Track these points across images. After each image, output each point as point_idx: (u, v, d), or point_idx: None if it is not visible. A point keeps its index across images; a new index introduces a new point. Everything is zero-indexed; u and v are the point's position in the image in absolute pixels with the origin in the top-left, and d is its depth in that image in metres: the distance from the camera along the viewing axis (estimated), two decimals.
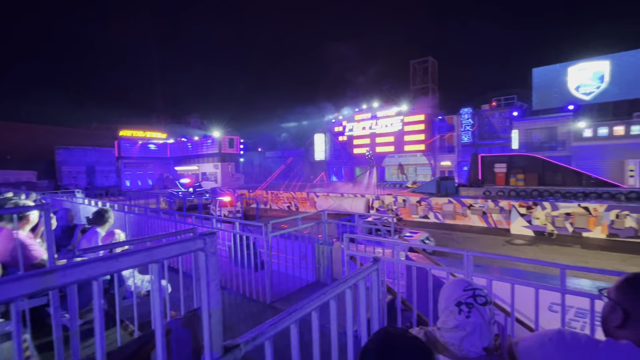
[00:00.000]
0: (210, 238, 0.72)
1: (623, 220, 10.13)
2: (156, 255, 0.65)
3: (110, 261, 0.56)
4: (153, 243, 1.95)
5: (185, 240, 0.69)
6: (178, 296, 2.56)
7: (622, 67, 24.53)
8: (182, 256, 3.63)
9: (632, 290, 0.88)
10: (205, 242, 0.71)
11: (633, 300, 0.87)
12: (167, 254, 0.67)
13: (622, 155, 22.75)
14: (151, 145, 40.73)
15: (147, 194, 17.87)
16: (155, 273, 0.72)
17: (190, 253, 0.72)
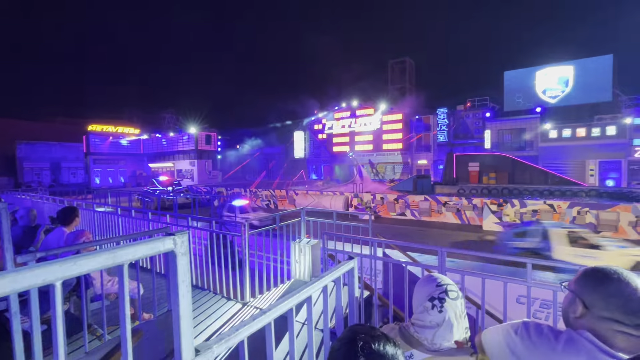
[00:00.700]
0: (181, 237, 0.69)
1: (584, 217, 10.81)
2: (121, 256, 0.61)
3: (68, 264, 0.52)
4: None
5: (153, 240, 0.66)
6: (151, 297, 2.48)
7: (585, 73, 26.08)
8: (154, 256, 3.51)
9: (591, 283, 0.93)
10: (175, 242, 0.68)
11: (591, 292, 0.92)
12: (133, 255, 0.63)
13: (583, 155, 24.27)
14: (123, 141, 38.97)
15: (118, 191, 16.85)
16: (123, 276, 0.68)
17: (159, 254, 0.68)
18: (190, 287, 0.71)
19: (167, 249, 0.67)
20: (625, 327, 0.85)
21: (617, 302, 0.88)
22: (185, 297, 0.67)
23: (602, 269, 0.94)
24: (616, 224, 10.36)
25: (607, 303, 0.89)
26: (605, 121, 24.05)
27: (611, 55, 25.35)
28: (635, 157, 22.99)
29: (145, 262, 4.91)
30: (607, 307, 0.89)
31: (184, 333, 0.66)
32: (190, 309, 0.69)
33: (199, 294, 4.47)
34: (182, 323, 0.66)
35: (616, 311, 0.88)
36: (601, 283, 0.92)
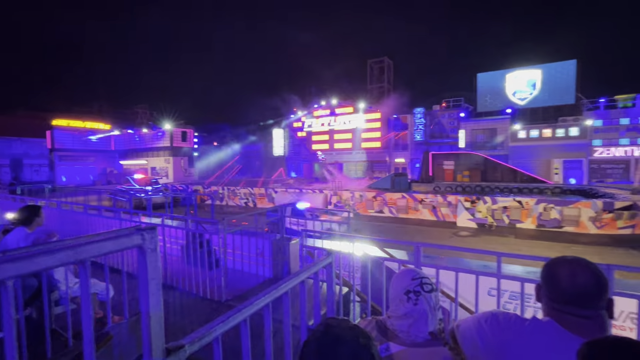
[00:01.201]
0: (150, 233, 0.66)
1: (549, 213, 11.44)
2: (83, 252, 0.57)
3: (23, 262, 0.48)
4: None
5: (120, 235, 0.62)
6: (122, 300, 2.38)
7: (551, 77, 27.54)
8: (126, 256, 3.36)
9: (545, 268, 1.02)
10: (143, 238, 0.64)
11: (542, 278, 1.02)
12: (97, 251, 0.59)
13: (549, 154, 25.68)
14: (92, 137, 37.03)
15: (87, 190, 15.85)
16: (85, 274, 0.63)
17: (126, 250, 0.65)
18: (161, 284, 0.68)
19: (135, 245, 0.64)
20: (556, 303, 0.94)
21: (551, 282, 0.98)
22: (155, 295, 0.64)
23: (557, 258, 1.01)
24: (578, 219, 11.04)
25: (546, 283, 1.00)
26: (568, 123, 25.53)
27: (574, 61, 26.91)
28: (595, 156, 24.59)
29: (116, 262, 4.71)
30: (546, 287, 0.99)
31: (154, 333, 0.63)
32: (161, 307, 0.66)
33: (176, 294, 4.34)
34: (151, 322, 0.63)
35: (551, 290, 0.97)
36: (549, 266, 1.01)
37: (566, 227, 11.18)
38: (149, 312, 0.63)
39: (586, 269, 0.93)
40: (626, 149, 23.72)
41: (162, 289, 2.63)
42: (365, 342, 0.73)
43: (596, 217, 10.79)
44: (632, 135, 23.54)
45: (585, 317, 0.91)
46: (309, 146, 36.67)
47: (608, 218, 10.67)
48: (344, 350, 0.69)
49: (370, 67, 38.43)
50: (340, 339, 0.71)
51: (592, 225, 10.85)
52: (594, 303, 0.91)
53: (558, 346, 0.90)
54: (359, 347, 0.71)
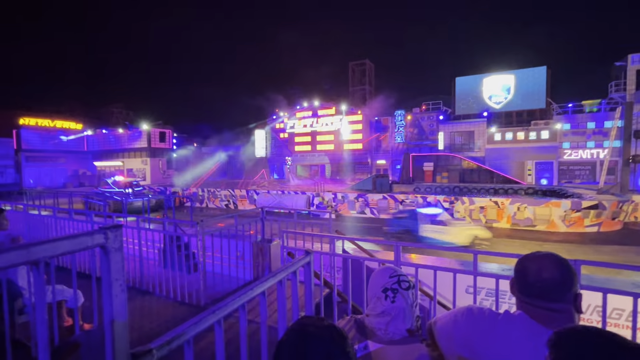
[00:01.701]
0: (113, 232, 0.62)
1: (523, 212, 11.92)
2: (37, 252, 0.52)
3: None
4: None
5: (80, 234, 0.58)
6: (92, 306, 2.27)
7: (523, 82, 28.77)
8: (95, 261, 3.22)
9: (517, 267, 1.05)
10: (106, 237, 0.61)
11: (516, 273, 1.04)
12: (53, 251, 0.55)
13: (522, 156, 26.81)
14: (63, 137, 35.29)
15: (57, 192, 14.92)
16: (39, 276, 0.59)
17: (87, 250, 0.61)
18: (126, 286, 0.64)
19: (97, 244, 0.60)
20: (524, 296, 0.98)
21: (519, 276, 1.01)
22: (118, 297, 0.61)
23: (529, 254, 1.05)
24: (549, 217, 11.56)
25: (515, 277, 1.03)
26: (540, 126, 26.76)
27: (545, 67, 28.22)
28: (564, 159, 25.88)
29: (87, 267, 4.51)
30: (516, 281, 1.02)
31: (117, 337, 0.59)
32: (125, 309, 0.63)
33: (152, 300, 4.20)
34: (114, 325, 0.59)
35: (520, 284, 1.00)
36: (519, 262, 1.04)
37: (538, 225, 11.68)
38: (112, 315, 0.59)
39: (554, 264, 0.97)
40: (592, 151, 25.12)
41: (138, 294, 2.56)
42: (339, 341, 0.72)
43: (565, 216, 11.34)
44: (597, 138, 24.97)
45: (553, 310, 0.94)
46: (291, 147, 36.55)
47: (576, 217, 11.23)
48: (318, 350, 0.68)
49: (351, 70, 38.81)
50: (314, 339, 0.70)
51: (562, 224, 11.39)
52: (561, 296, 0.94)
53: (529, 338, 0.93)
54: (334, 346, 0.70)
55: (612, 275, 5.63)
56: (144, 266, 4.52)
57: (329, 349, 0.69)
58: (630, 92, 23.95)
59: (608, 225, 11.22)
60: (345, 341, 0.74)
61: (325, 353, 0.68)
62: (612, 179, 22.57)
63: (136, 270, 4.58)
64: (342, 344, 0.72)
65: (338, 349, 0.70)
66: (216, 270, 4.79)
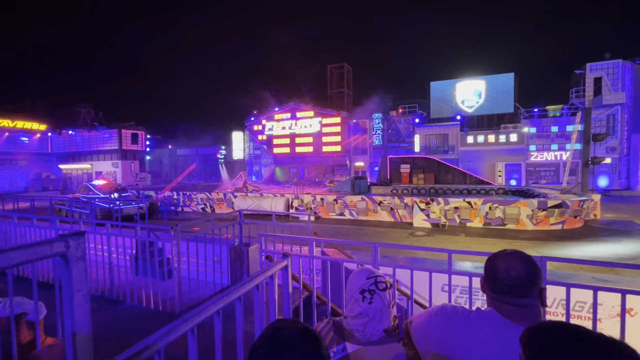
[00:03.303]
0: (75, 240, 0.58)
1: (494, 212, 12.43)
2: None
3: None
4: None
5: (37, 243, 0.54)
6: (56, 320, 2.14)
7: (493, 87, 30.14)
8: None
9: (486, 265, 1.09)
10: (67, 245, 0.57)
11: (486, 271, 1.09)
12: (7, 262, 0.50)
13: (493, 158, 28.06)
14: (24, 138, 33.11)
15: (17, 197, 13.81)
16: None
17: (45, 259, 0.57)
18: (89, 297, 0.61)
19: (56, 253, 0.56)
20: (493, 293, 1.02)
21: (489, 274, 1.05)
22: (81, 308, 0.57)
23: (497, 252, 1.09)
24: (518, 217, 12.11)
25: (485, 275, 1.07)
26: (509, 130, 28.12)
27: (512, 74, 29.71)
28: (531, 160, 27.32)
29: (48, 276, 4.24)
30: (486, 279, 1.06)
31: (79, 350, 0.56)
32: (88, 321, 0.59)
33: (124, 309, 4.01)
34: (77, 339, 0.56)
35: (489, 281, 1.05)
36: (488, 260, 1.08)
37: (508, 224, 12.22)
38: (73, 327, 0.56)
39: (520, 261, 1.01)
40: (556, 153, 26.69)
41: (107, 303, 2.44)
42: (314, 343, 0.72)
43: (532, 214, 11.94)
44: (560, 141, 26.57)
45: (521, 305, 0.98)
46: (270, 150, 36.25)
47: (542, 215, 11.85)
48: (292, 354, 0.68)
49: (330, 72, 39.10)
50: (288, 342, 0.69)
51: (530, 222, 11.98)
52: (527, 292, 0.99)
53: (499, 333, 0.97)
54: (308, 349, 0.69)
55: (575, 270, 5.98)
56: (114, 274, 4.32)
57: (303, 354, 0.68)
58: (588, 99, 25.70)
59: (571, 223, 11.93)
60: (320, 343, 0.74)
61: (299, 358, 0.68)
62: (573, 180, 24.08)
63: (106, 278, 4.37)
64: (317, 346, 0.72)
65: (313, 353, 0.69)
66: (192, 276, 4.65)
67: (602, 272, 5.64)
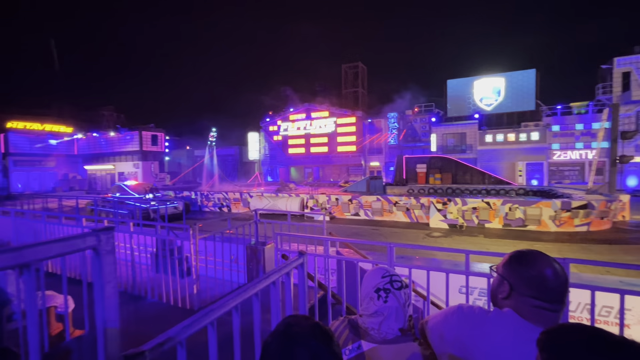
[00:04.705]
0: (105, 235, 0.62)
1: (514, 212, 12.07)
2: (28, 255, 0.52)
3: None
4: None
5: (71, 237, 0.58)
6: (83, 312, 2.23)
7: (513, 84, 29.26)
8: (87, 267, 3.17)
9: (516, 266, 1.03)
10: (98, 239, 0.61)
11: (516, 274, 1.02)
12: (44, 253, 0.54)
13: (513, 157, 27.20)
14: (52, 141, 34.72)
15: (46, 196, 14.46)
16: (31, 279, 0.59)
17: (78, 252, 0.61)
18: (117, 289, 0.64)
19: (88, 247, 0.60)
20: (543, 302, 0.97)
21: (537, 281, 0.98)
22: (110, 299, 0.61)
23: (524, 253, 1.05)
24: (539, 218, 11.71)
25: (529, 282, 0.99)
26: (529, 128, 27.19)
27: (534, 70, 28.76)
28: (554, 159, 26.32)
29: (78, 273, 4.44)
30: (529, 286, 0.99)
31: (109, 339, 0.59)
32: (117, 312, 0.62)
33: (145, 304, 4.15)
34: (107, 328, 0.59)
35: (536, 289, 0.98)
36: (524, 265, 1.02)
37: (529, 226, 11.84)
38: (104, 317, 0.59)
39: (555, 263, 0.99)
40: (581, 152, 25.60)
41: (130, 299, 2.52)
42: (325, 340, 0.72)
43: (555, 215, 11.52)
44: (586, 139, 25.47)
45: (557, 310, 0.96)
46: (285, 150, 36.52)
47: (566, 217, 11.41)
48: (303, 349, 0.68)
49: (344, 72, 39.03)
50: (299, 337, 0.70)
51: (552, 224, 11.56)
52: (564, 298, 0.97)
53: (517, 335, 0.95)
54: (319, 346, 0.69)
55: (601, 273, 5.74)
56: (137, 271, 4.47)
57: (314, 349, 0.69)
58: (616, 94, 24.53)
59: (597, 224, 11.43)
60: (331, 340, 0.74)
61: (310, 353, 0.68)
62: (600, 179, 23.02)
63: (128, 275, 4.53)
64: (328, 343, 0.72)
65: (324, 349, 0.70)
66: (210, 274, 4.76)
67: (631, 275, 5.38)
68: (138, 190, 15.35)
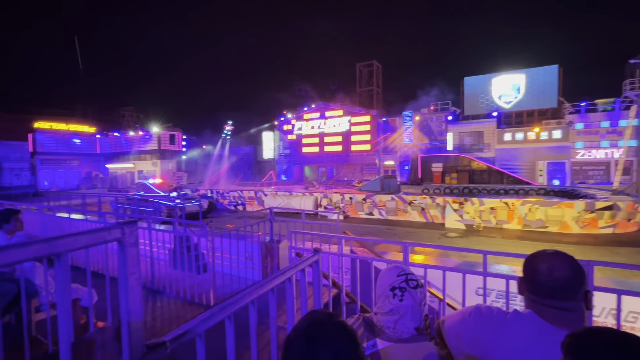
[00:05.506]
0: (129, 227, 0.65)
1: (534, 213, 11.70)
2: (59, 245, 0.55)
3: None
4: None
5: (99, 229, 0.61)
6: (105, 306, 2.32)
7: (534, 81, 28.31)
8: (109, 261, 3.29)
9: (526, 266, 1.04)
10: (123, 232, 0.63)
11: (524, 272, 1.04)
12: (74, 244, 0.57)
13: (533, 157, 26.33)
14: (76, 140, 36.15)
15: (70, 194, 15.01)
16: (62, 267, 0.62)
17: (105, 244, 0.64)
18: (141, 279, 0.67)
19: (114, 239, 0.63)
20: (535, 296, 0.97)
21: (529, 275, 1.00)
22: (134, 290, 0.63)
23: (537, 252, 1.04)
24: (561, 219, 11.32)
25: (525, 277, 1.02)
26: (551, 126, 26.25)
27: (557, 66, 27.72)
28: (577, 159, 25.33)
29: (100, 267, 4.60)
30: (525, 280, 1.01)
31: (133, 328, 0.62)
32: (140, 303, 0.65)
33: (163, 299, 4.26)
34: (131, 317, 0.62)
35: (529, 283, 0.99)
36: (528, 260, 1.03)
37: (550, 227, 11.45)
38: (128, 306, 0.62)
39: (564, 262, 0.96)
40: (606, 151, 24.53)
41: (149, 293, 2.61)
42: (349, 341, 0.71)
43: (579, 217, 11.09)
44: (612, 138, 24.37)
45: (563, 309, 0.93)
46: (299, 149, 36.66)
47: (590, 218, 10.98)
48: (326, 350, 0.67)
49: (359, 71, 38.79)
50: (323, 338, 0.69)
51: (575, 225, 11.14)
52: (571, 295, 0.93)
53: (538, 337, 0.93)
54: (341, 345, 0.69)
55: (627, 277, 5.49)
56: (155, 266, 4.60)
57: (337, 350, 0.68)
58: None
59: (623, 226, 10.94)
60: (355, 341, 0.73)
61: (333, 355, 0.67)
62: (627, 180, 21.99)
63: (147, 270, 4.66)
64: (352, 344, 0.71)
65: (346, 349, 0.69)
66: (225, 271, 4.84)
67: None
68: (162, 188, 15.59)
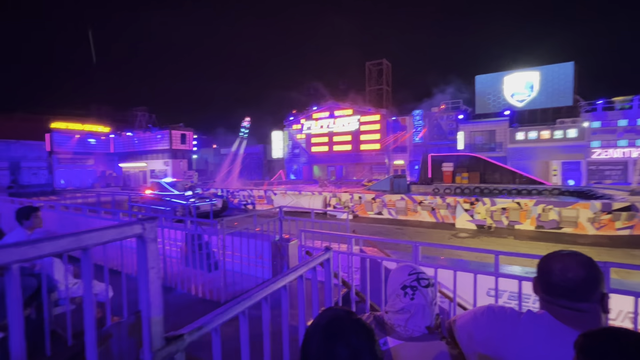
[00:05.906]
0: (150, 223, 0.67)
1: (548, 214, 11.45)
2: (85, 240, 0.58)
3: (26, 247, 0.49)
4: None
5: (121, 225, 0.63)
6: (121, 302, 2.38)
7: (548, 78, 27.68)
8: (124, 258, 3.37)
9: (540, 266, 1.03)
10: (144, 228, 0.66)
11: (539, 272, 1.02)
12: (99, 239, 0.60)
13: (547, 156, 25.74)
14: (91, 140, 37.05)
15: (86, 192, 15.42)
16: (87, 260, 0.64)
17: (127, 239, 0.66)
18: (161, 274, 0.69)
19: (135, 234, 0.65)
20: (550, 297, 0.95)
21: (543, 276, 0.99)
22: (154, 284, 0.65)
23: (553, 252, 1.02)
24: (576, 220, 11.05)
25: (541, 278, 1.00)
26: (566, 124, 25.61)
27: (572, 63, 27.05)
28: (593, 158, 24.66)
29: (116, 264, 4.71)
30: (541, 282, 1.00)
31: (153, 321, 0.64)
32: (160, 296, 0.67)
33: (176, 296, 4.35)
34: (151, 310, 0.64)
35: (543, 283, 0.98)
36: (542, 261, 1.02)
37: (565, 228, 11.20)
38: (148, 300, 0.64)
39: (579, 263, 0.94)
40: (624, 150, 23.79)
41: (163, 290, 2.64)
42: (367, 338, 0.71)
43: (594, 218, 10.81)
44: (630, 136, 23.63)
45: (578, 310, 0.92)
46: (309, 148, 36.72)
47: (606, 219, 10.68)
48: (344, 348, 0.67)
49: (368, 69, 38.61)
50: (342, 333, 0.69)
51: (591, 226, 10.86)
52: (586, 296, 0.92)
53: (552, 338, 0.92)
54: (360, 342, 0.69)
55: None
56: (167, 264, 4.69)
57: (356, 346, 0.68)
58: None
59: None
60: (373, 338, 0.73)
61: (351, 351, 0.67)
62: None
63: (160, 267, 4.76)
64: (370, 341, 0.71)
65: (365, 345, 0.69)
66: (236, 269, 4.89)
67: None
68: (176, 187, 15.73)
